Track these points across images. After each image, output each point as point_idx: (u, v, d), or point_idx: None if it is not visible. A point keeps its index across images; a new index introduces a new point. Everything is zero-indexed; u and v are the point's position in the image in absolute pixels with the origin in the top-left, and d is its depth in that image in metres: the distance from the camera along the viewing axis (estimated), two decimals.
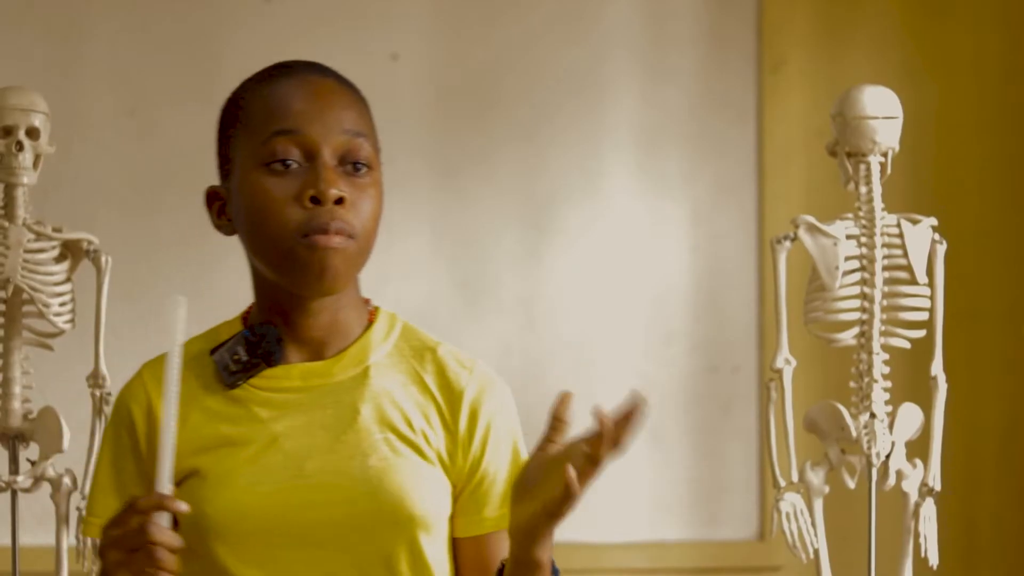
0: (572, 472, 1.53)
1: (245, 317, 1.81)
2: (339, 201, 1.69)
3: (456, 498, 1.75)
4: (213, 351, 1.76)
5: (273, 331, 1.74)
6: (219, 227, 1.80)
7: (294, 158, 1.70)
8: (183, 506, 1.55)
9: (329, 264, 1.69)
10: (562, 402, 1.56)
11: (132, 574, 1.54)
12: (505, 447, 1.78)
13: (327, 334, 1.76)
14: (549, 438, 1.56)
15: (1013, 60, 3.54)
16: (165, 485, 1.55)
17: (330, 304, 1.75)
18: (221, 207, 1.78)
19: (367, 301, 1.82)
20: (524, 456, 1.79)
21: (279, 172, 1.70)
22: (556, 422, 1.56)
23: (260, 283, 1.77)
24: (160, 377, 1.67)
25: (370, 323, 1.80)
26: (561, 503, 1.55)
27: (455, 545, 1.77)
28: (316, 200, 1.68)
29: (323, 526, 1.69)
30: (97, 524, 1.75)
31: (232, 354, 1.74)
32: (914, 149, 3.09)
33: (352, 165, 1.72)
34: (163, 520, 1.55)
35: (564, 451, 1.55)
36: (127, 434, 1.76)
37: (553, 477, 1.55)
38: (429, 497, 1.71)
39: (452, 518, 1.76)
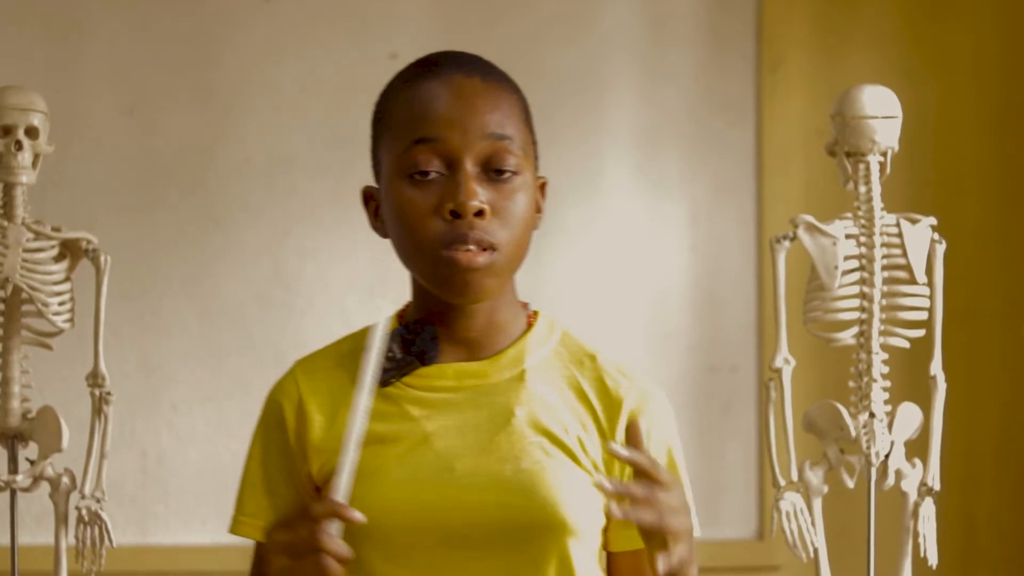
0: (614, 508, 1.51)
1: (401, 315, 1.77)
2: (480, 213, 1.65)
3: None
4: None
5: (429, 330, 1.71)
6: (375, 228, 1.76)
7: (435, 167, 1.66)
8: (359, 516, 1.50)
9: (471, 282, 1.65)
10: (632, 431, 1.55)
11: None
12: (661, 460, 1.73)
13: (483, 335, 1.72)
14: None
15: (1012, 60, 3.54)
16: (341, 493, 1.50)
17: (486, 306, 1.71)
18: (377, 208, 1.74)
19: (525, 305, 1.78)
20: (682, 469, 1.76)
21: (420, 182, 1.66)
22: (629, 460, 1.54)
23: (416, 283, 1.74)
24: (312, 372, 1.68)
25: (528, 326, 1.76)
26: (647, 536, 1.53)
27: (611, 560, 1.73)
28: (455, 213, 1.64)
29: (471, 528, 1.65)
30: (248, 524, 1.74)
31: (386, 351, 1.69)
32: (913, 149, 3.09)
33: (496, 171, 1.68)
34: (333, 529, 1.50)
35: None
36: (278, 431, 1.73)
37: None
38: (582, 504, 1.67)
39: (607, 531, 1.72)
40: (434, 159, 1.67)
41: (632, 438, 1.54)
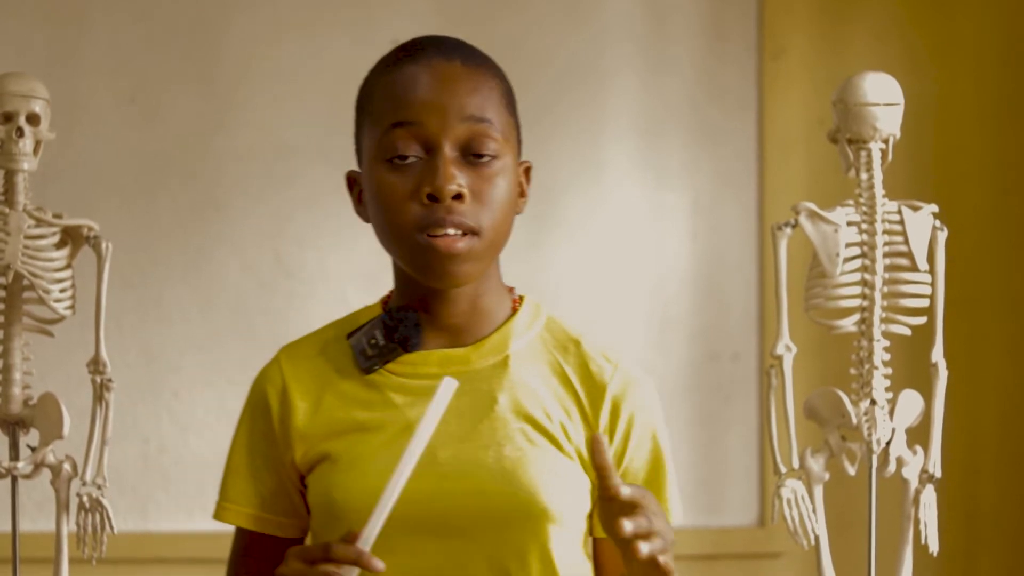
0: (643, 548, 1.48)
1: (385, 301, 1.77)
2: (458, 196, 1.64)
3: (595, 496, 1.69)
4: (350, 335, 1.73)
5: (412, 316, 1.70)
6: (358, 213, 1.77)
7: (413, 151, 1.66)
8: (379, 564, 1.50)
9: (451, 267, 1.65)
10: (595, 447, 1.50)
11: None
12: (645, 444, 1.73)
13: (467, 320, 1.71)
14: (603, 485, 1.50)
15: (1014, 47, 3.54)
16: (368, 540, 1.51)
17: (469, 291, 1.71)
18: (360, 192, 1.75)
19: (511, 289, 1.77)
20: (667, 454, 1.75)
21: (399, 167, 1.66)
22: (599, 470, 1.51)
23: (398, 268, 1.74)
24: (296, 359, 1.71)
25: (513, 311, 1.75)
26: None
27: (596, 545, 1.73)
28: (433, 197, 1.64)
29: (454, 515, 1.65)
30: (232, 510, 1.79)
31: (369, 338, 1.71)
32: (915, 136, 3.09)
33: (475, 155, 1.67)
34: (352, 574, 1.51)
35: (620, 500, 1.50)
36: (262, 418, 1.74)
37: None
38: (564, 491, 1.67)
39: (592, 517, 1.71)
40: (412, 143, 1.66)
41: (595, 453, 1.51)
